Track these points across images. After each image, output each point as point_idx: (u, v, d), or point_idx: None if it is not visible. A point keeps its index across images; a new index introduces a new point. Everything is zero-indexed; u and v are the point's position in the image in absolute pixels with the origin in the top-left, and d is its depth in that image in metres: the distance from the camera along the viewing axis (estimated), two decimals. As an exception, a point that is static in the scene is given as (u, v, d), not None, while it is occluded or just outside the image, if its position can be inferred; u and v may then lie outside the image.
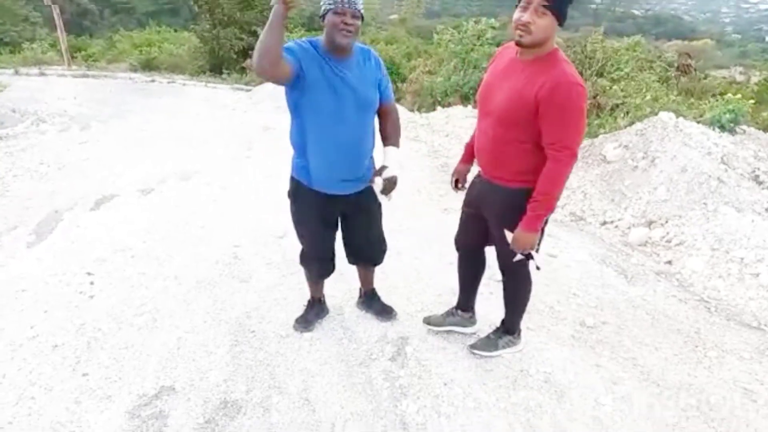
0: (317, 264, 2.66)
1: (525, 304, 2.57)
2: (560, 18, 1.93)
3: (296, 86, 2.12)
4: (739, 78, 18.76)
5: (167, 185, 5.18)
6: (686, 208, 4.25)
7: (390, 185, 2.33)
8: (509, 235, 2.18)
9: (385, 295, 3.07)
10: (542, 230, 2.23)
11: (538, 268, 2.32)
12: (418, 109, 10.13)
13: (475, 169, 2.45)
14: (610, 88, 8.30)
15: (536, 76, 1.95)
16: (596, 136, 6.00)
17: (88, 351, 2.64)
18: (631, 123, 5.93)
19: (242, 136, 7.40)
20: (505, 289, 2.56)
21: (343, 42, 2.09)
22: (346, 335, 2.80)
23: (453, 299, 2.90)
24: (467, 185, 2.53)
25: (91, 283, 3.27)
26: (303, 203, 2.42)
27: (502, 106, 2.06)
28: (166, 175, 5.44)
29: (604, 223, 4.56)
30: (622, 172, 4.92)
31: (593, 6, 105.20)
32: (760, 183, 4.64)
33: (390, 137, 2.41)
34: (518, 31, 1.95)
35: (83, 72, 15.77)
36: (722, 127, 5.42)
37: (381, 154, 2.39)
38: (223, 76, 16.59)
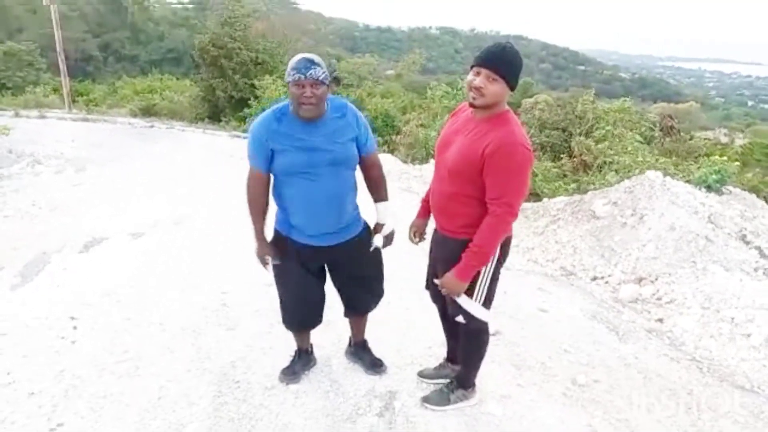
0: (295, 314, 2.59)
1: (479, 359, 2.55)
2: (510, 85, 2.06)
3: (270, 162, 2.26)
4: (724, 139, 19.33)
5: (159, 229, 5.16)
6: (675, 266, 4.28)
7: (389, 241, 2.46)
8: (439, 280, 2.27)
9: (374, 347, 3.01)
10: (493, 279, 2.29)
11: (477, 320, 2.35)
12: (412, 161, 10.30)
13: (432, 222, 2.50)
14: (596, 146, 8.53)
15: (485, 135, 2.06)
16: (585, 192, 6.11)
17: (65, 399, 2.55)
18: (620, 180, 6.06)
19: (237, 183, 7.44)
20: (461, 343, 2.56)
21: (306, 116, 2.15)
22: (333, 388, 2.73)
23: (443, 351, 2.86)
24: (426, 237, 2.59)
25: (74, 327, 3.19)
26: (285, 256, 2.40)
27: (452, 160, 2.16)
28: (158, 219, 5.43)
29: (595, 278, 4.57)
30: (612, 228, 4.97)
31: (582, 68, 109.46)
32: (747, 242, 4.70)
33: (377, 191, 2.47)
34: (471, 94, 2.08)
35: (83, 116, 15.98)
36: (709, 187, 5.54)
37: (374, 211, 2.43)
38: (222, 123, 16.90)
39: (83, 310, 3.41)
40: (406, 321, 3.47)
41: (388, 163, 8.69)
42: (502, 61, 2.03)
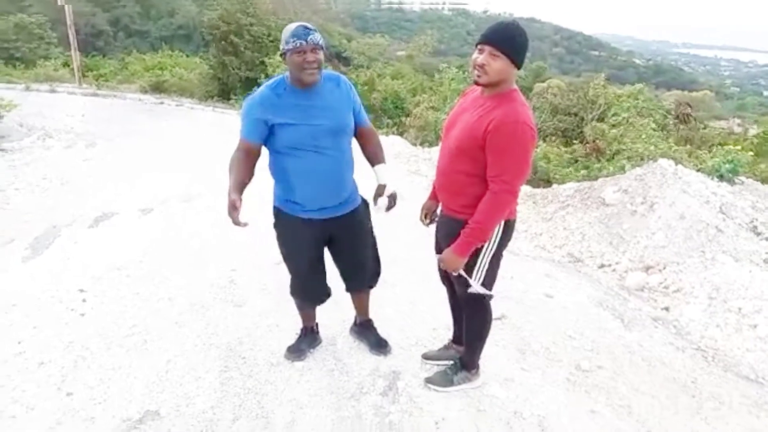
0: (309, 291, 2.66)
1: (482, 340, 2.55)
2: (514, 62, 2.04)
3: (269, 134, 2.24)
4: (737, 129, 19.05)
5: (168, 206, 5.19)
6: (684, 255, 4.24)
7: (392, 202, 2.40)
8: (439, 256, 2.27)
9: (379, 327, 3.04)
10: (494, 260, 2.29)
11: (485, 296, 2.37)
12: (421, 144, 10.25)
13: None
14: (610, 132, 8.43)
15: (490, 112, 2.06)
16: (596, 179, 6.06)
17: (75, 370, 2.60)
18: (632, 168, 6.00)
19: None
20: (464, 323, 2.57)
21: (309, 80, 2.17)
22: (338, 366, 2.76)
23: (448, 334, 2.88)
24: (437, 219, 2.58)
25: (84, 300, 3.24)
26: (288, 231, 2.46)
27: (457, 137, 2.17)
28: (167, 196, 5.46)
29: (602, 265, 4.55)
30: (621, 216, 4.93)
31: (596, 53, 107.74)
32: (759, 234, 4.65)
33: (376, 156, 2.46)
34: (475, 72, 2.07)
35: (93, 91, 16.01)
36: (721, 177, 5.47)
37: (374, 175, 2.42)
38: (231, 101, 16.85)
39: (92, 283, 3.45)
40: (411, 302, 3.48)
41: (398, 145, 8.64)
42: (504, 37, 2.02)
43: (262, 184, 2.51)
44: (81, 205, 5.03)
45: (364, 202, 2.60)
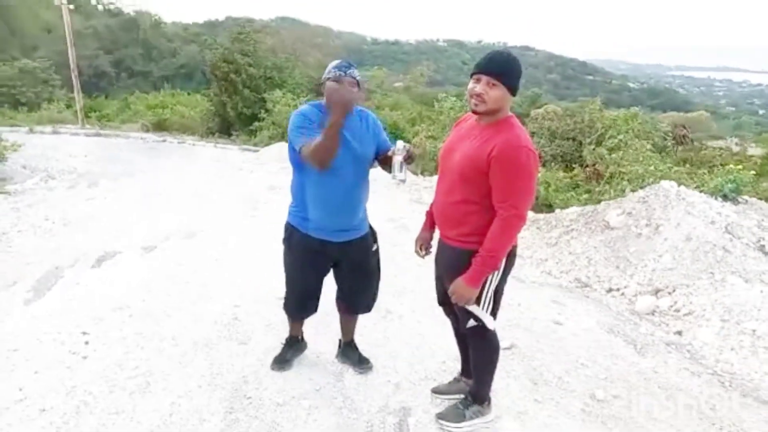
0: (301, 309, 2.79)
1: (490, 371, 2.50)
2: (510, 89, 2.09)
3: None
4: (735, 149, 19.14)
5: (170, 243, 5.17)
6: (693, 277, 4.19)
7: (410, 157, 2.34)
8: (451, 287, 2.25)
9: (387, 362, 3.00)
10: (499, 289, 2.28)
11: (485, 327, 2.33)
12: (421, 173, 10.30)
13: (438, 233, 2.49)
14: (609, 155, 8.46)
15: (490, 139, 2.08)
16: (598, 202, 6.05)
17: (77, 416, 2.52)
18: (634, 190, 5.99)
19: (248, 196, 7.48)
20: (471, 356, 2.53)
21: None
22: (346, 404, 2.69)
23: (457, 366, 2.81)
24: (432, 250, 2.57)
25: (86, 342, 3.18)
26: (296, 248, 2.57)
27: (457, 165, 2.17)
28: (170, 233, 5.44)
29: (610, 290, 4.49)
30: (627, 239, 4.90)
31: (590, 78, 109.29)
32: (766, 253, 4.61)
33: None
34: (473, 101, 2.11)
35: (96, 131, 16.23)
36: (725, 197, 5.46)
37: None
38: (232, 137, 17.04)
39: (95, 324, 3.40)
40: (420, 335, 3.42)
41: (398, 175, 8.66)
42: (500, 66, 2.07)
43: (271, 217, 2.51)
44: (83, 245, 5.01)
45: (372, 232, 2.69)
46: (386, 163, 2.49)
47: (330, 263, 2.64)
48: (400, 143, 2.35)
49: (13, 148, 8.84)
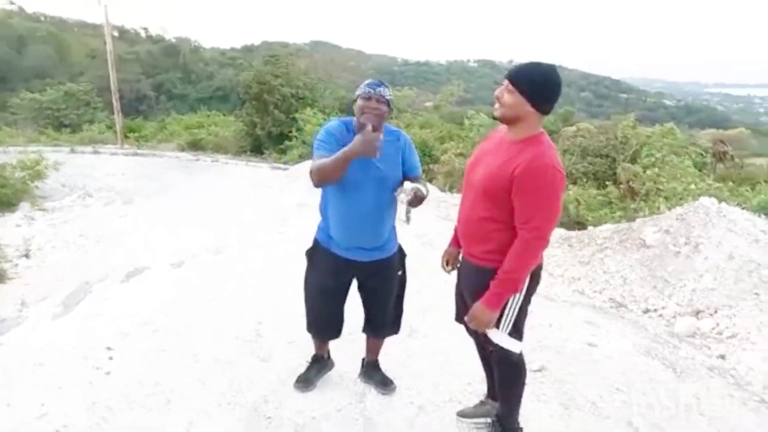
0: (321, 328, 2.74)
1: (516, 395, 2.37)
2: (532, 100, 1.97)
3: None
4: (777, 166, 18.38)
5: (198, 259, 5.21)
6: (737, 298, 3.95)
7: (415, 198, 2.26)
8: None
9: (410, 383, 2.89)
10: (522, 311, 2.17)
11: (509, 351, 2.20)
12: (450, 189, 10.20)
13: None
14: (644, 172, 8.20)
15: (516, 156, 1.99)
16: (633, 219, 5.83)
17: None
18: (671, 208, 5.75)
19: (277, 213, 7.53)
20: (495, 377, 2.41)
21: (365, 121, 2.24)
22: (367, 427, 2.59)
23: (483, 387, 2.69)
24: (459, 266, 2.48)
25: (110, 358, 3.19)
26: (318, 264, 2.56)
27: (481, 181, 2.09)
28: (198, 249, 5.49)
29: (647, 311, 4.28)
30: (664, 258, 4.68)
31: (624, 96, 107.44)
32: (817, 273, 4.32)
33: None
34: (495, 105, 2.07)
35: (134, 151, 16.76)
36: (769, 214, 5.18)
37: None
38: (263, 155, 17.33)
39: (119, 339, 3.41)
40: (444, 354, 3.30)
41: (426, 192, 8.60)
42: (521, 73, 2.01)
43: (299, 234, 2.49)
44: (114, 260, 5.10)
45: (401, 255, 2.64)
46: None
47: (349, 284, 2.59)
48: (407, 185, 2.29)
49: (54, 167, 9.18)
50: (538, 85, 1.99)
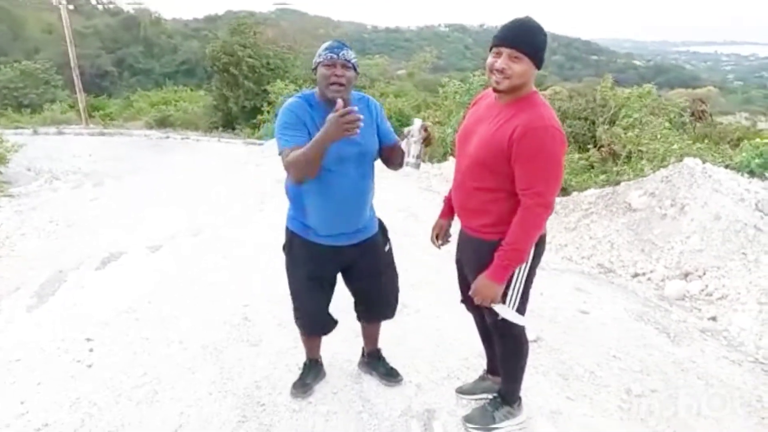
0: (313, 321, 2.50)
1: (519, 369, 2.30)
2: (537, 62, 1.86)
3: None
4: (745, 123, 18.69)
5: (177, 241, 5.02)
6: (724, 259, 3.98)
7: (428, 136, 2.03)
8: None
9: (406, 361, 2.81)
10: (528, 282, 2.08)
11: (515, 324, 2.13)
12: (430, 160, 10.07)
13: (457, 223, 2.28)
14: (625, 134, 8.19)
15: (512, 119, 1.86)
16: (617, 183, 5.81)
17: (81, 429, 2.38)
18: (654, 169, 5.75)
19: (255, 190, 7.32)
20: (498, 353, 2.33)
21: (334, 97, 1.98)
22: (366, 408, 2.52)
23: (482, 362, 2.64)
24: (450, 239, 2.38)
25: (91, 350, 3.04)
26: (298, 257, 2.31)
27: (476, 151, 1.96)
28: (176, 231, 5.30)
29: (636, 275, 4.29)
30: (650, 221, 4.68)
31: (595, 58, 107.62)
32: (800, 230, 4.37)
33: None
34: (494, 77, 1.88)
35: (100, 130, 16.13)
36: (752, 173, 5.21)
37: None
38: (236, 131, 16.88)
39: (100, 330, 3.25)
40: (439, 330, 3.24)
41: (407, 162, 8.46)
42: (523, 36, 1.83)
43: (279, 212, 2.33)
44: (88, 246, 4.87)
45: (382, 229, 2.43)
46: (391, 157, 2.22)
47: (337, 271, 2.38)
48: (417, 122, 2.03)
49: (14, 149, 8.73)
50: (540, 43, 1.86)
